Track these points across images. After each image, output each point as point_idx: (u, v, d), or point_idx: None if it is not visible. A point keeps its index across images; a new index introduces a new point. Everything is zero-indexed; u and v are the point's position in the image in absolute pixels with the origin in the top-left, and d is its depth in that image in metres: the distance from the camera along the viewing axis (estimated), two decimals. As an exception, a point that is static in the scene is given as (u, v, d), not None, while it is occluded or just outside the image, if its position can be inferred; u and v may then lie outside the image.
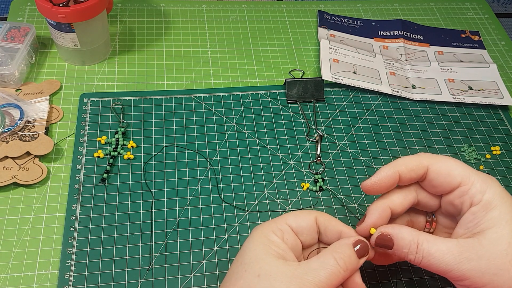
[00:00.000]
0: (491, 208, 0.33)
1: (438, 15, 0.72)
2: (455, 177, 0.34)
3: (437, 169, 0.35)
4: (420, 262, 0.33)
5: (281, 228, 0.35)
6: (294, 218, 0.35)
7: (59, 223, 0.45)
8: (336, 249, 0.33)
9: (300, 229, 0.35)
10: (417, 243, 0.33)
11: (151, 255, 0.43)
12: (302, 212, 0.36)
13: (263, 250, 0.33)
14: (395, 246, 0.34)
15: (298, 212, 0.36)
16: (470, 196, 0.34)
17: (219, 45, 0.63)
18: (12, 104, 0.50)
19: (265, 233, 0.34)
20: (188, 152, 0.51)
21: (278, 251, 0.33)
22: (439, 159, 0.35)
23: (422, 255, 0.33)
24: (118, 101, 0.54)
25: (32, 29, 0.56)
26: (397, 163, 0.36)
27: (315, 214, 0.36)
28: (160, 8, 0.67)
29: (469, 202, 0.34)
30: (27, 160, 0.48)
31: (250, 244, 0.34)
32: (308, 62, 0.63)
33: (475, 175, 0.34)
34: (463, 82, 0.62)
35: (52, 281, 0.41)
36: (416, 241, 0.33)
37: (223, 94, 0.57)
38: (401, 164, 0.36)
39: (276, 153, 0.52)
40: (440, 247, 0.33)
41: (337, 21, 0.68)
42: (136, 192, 0.47)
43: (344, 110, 0.57)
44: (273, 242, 0.33)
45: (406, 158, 0.36)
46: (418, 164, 0.35)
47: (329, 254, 0.33)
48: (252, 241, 0.34)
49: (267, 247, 0.33)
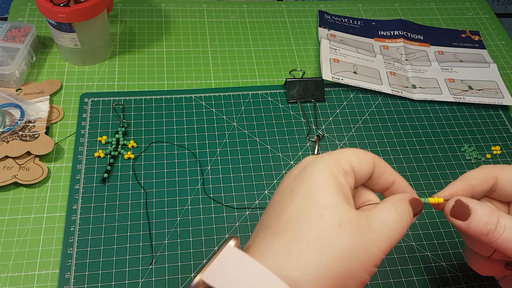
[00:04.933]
0: None
1: (438, 15, 0.72)
2: None
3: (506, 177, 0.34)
4: (500, 236, 0.31)
5: (345, 168, 0.30)
6: (358, 160, 0.31)
7: (59, 222, 0.45)
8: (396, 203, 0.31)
9: (360, 173, 0.31)
10: (497, 217, 0.31)
11: (153, 255, 0.43)
12: (362, 152, 0.32)
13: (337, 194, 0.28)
14: (473, 215, 0.32)
15: (359, 152, 0.32)
16: None
17: (219, 45, 0.63)
18: (13, 104, 0.50)
19: (332, 171, 0.29)
20: (188, 152, 0.51)
21: (347, 197, 0.29)
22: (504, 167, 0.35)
23: (504, 228, 0.31)
24: (119, 101, 0.54)
25: (32, 29, 0.56)
26: (468, 176, 0.35)
27: (374, 157, 0.32)
28: (161, 8, 0.67)
29: None
30: (27, 160, 0.48)
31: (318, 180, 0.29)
32: (308, 62, 0.63)
33: None
34: (463, 82, 0.62)
35: (52, 281, 0.41)
36: (497, 215, 0.31)
37: (224, 94, 0.57)
38: (471, 177, 0.35)
39: (276, 153, 0.52)
40: None
41: (337, 21, 0.68)
42: (137, 192, 0.47)
43: (344, 110, 0.57)
44: (342, 185, 0.29)
45: (473, 172, 0.35)
46: (487, 175, 0.35)
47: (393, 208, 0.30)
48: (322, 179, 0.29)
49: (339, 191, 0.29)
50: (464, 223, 0.32)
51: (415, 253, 0.46)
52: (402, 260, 0.45)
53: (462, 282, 0.44)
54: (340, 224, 0.27)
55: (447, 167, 0.53)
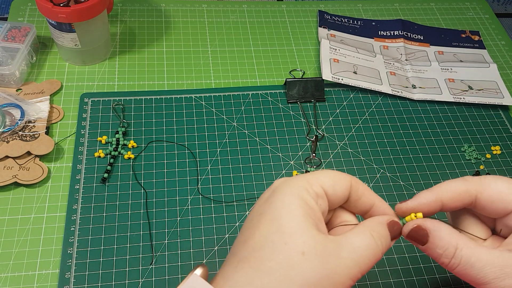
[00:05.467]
0: None
1: (438, 15, 0.72)
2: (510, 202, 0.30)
3: (487, 197, 0.31)
4: (454, 269, 0.29)
5: (316, 191, 0.29)
6: (330, 181, 0.30)
7: (59, 222, 0.45)
8: (373, 227, 0.29)
9: (334, 196, 0.30)
10: (456, 248, 0.29)
11: (153, 255, 0.43)
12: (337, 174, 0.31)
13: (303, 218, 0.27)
14: (429, 244, 0.30)
15: (333, 174, 0.30)
16: None
17: (219, 45, 0.63)
18: (13, 104, 0.50)
19: (301, 195, 0.28)
20: (188, 152, 0.51)
21: (315, 221, 0.28)
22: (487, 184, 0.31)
23: (460, 262, 0.29)
24: (119, 101, 0.54)
25: (32, 29, 0.56)
26: (440, 188, 0.31)
27: (351, 179, 0.31)
28: (161, 8, 0.67)
29: None
30: (27, 160, 0.48)
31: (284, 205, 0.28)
32: (309, 62, 0.63)
33: None
34: (463, 82, 0.62)
35: (52, 281, 0.41)
36: (455, 245, 0.29)
37: (224, 94, 0.57)
38: (444, 191, 0.31)
39: (276, 153, 0.52)
40: (481, 256, 0.29)
41: (337, 21, 0.68)
42: (137, 191, 0.47)
43: (344, 110, 0.57)
44: (311, 209, 0.28)
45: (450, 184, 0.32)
46: (464, 193, 0.31)
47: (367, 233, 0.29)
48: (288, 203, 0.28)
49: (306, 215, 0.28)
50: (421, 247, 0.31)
51: (415, 253, 0.46)
52: (402, 260, 0.45)
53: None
54: (303, 252, 0.26)
55: (447, 167, 0.53)
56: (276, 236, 0.27)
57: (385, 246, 0.29)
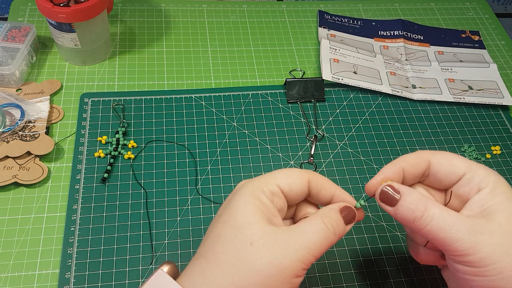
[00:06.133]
0: (498, 193, 0.32)
1: (438, 15, 0.72)
2: (458, 167, 0.34)
3: (438, 161, 0.34)
4: (427, 225, 0.31)
5: (271, 189, 0.32)
6: (286, 180, 0.33)
7: (59, 222, 0.45)
8: (324, 213, 0.32)
9: (291, 193, 0.33)
10: (425, 205, 0.31)
11: (153, 255, 0.43)
12: (294, 172, 0.34)
13: (253, 213, 0.30)
14: (401, 202, 0.32)
15: (290, 173, 0.33)
16: (476, 183, 0.33)
17: (219, 45, 0.63)
18: (13, 104, 0.50)
19: (255, 194, 0.32)
20: (188, 152, 0.51)
21: (268, 215, 0.31)
22: (438, 152, 0.35)
23: (432, 217, 0.31)
24: (119, 101, 0.54)
25: (32, 29, 0.56)
26: (399, 160, 0.35)
27: (308, 175, 0.34)
28: (161, 8, 0.67)
29: (476, 188, 0.33)
30: (27, 160, 0.48)
31: (239, 204, 0.31)
32: (308, 62, 0.63)
33: (475, 164, 0.34)
34: (463, 82, 0.62)
35: (52, 281, 0.41)
36: (425, 203, 0.32)
37: (224, 94, 0.57)
38: (403, 160, 0.35)
39: (276, 153, 0.52)
40: (451, 213, 0.31)
41: (337, 21, 0.68)
42: (137, 191, 0.47)
43: (344, 110, 0.57)
44: (264, 205, 0.31)
45: (406, 156, 0.35)
46: (419, 159, 0.35)
47: (318, 218, 0.32)
48: (242, 202, 0.31)
49: (258, 210, 0.31)
50: (392, 208, 0.33)
51: (415, 253, 0.46)
52: (402, 260, 0.45)
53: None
54: (251, 243, 0.29)
55: (447, 167, 0.53)
56: (228, 231, 0.30)
57: (337, 229, 0.32)
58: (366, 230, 0.47)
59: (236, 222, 0.31)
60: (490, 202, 0.32)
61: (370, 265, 0.45)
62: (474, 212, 0.32)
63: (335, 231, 0.32)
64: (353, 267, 0.44)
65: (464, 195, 0.34)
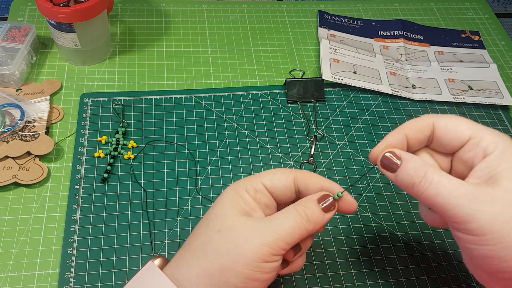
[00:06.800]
0: (506, 158, 0.30)
1: (438, 15, 0.72)
2: (463, 131, 0.33)
3: (443, 125, 0.33)
4: (424, 191, 0.31)
5: (255, 187, 0.34)
6: (270, 177, 0.34)
7: (59, 222, 0.45)
8: (299, 202, 0.33)
9: (275, 189, 0.34)
10: (425, 171, 0.31)
11: (153, 255, 0.43)
12: (279, 171, 0.35)
13: (230, 206, 0.33)
14: (401, 168, 0.32)
15: (276, 171, 0.35)
16: (482, 148, 0.32)
17: (219, 45, 0.63)
18: (13, 104, 0.50)
19: (237, 190, 0.34)
20: (188, 152, 0.51)
21: (245, 209, 0.33)
22: (444, 116, 0.34)
23: (430, 183, 0.30)
24: (119, 101, 0.54)
25: (32, 29, 0.56)
26: (403, 126, 0.34)
27: (294, 173, 0.35)
28: (161, 8, 0.67)
29: (482, 154, 0.32)
30: (27, 160, 0.48)
31: (219, 200, 0.34)
32: (308, 62, 0.63)
33: (483, 128, 0.33)
34: (463, 82, 0.62)
35: (52, 281, 0.41)
36: (425, 170, 0.31)
37: (223, 94, 0.57)
38: (407, 126, 0.34)
39: (276, 153, 0.52)
40: (452, 180, 0.30)
41: (337, 21, 0.68)
42: (137, 192, 0.47)
43: (344, 110, 0.57)
44: (243, 199, 0.33)
45: (411, 121, 0.35)
46: (423, 123, 0.34)
47: (292, 207, 0.33)
48: (222, 198, 0.34)
49: (235, 204, 0.33)
50: (392, 175, 0.33)
51: (415, 253, 0.46)
52: (402, 260, 0.45)
53: (462, 282, 0.44)
54: (219, 230, 0.32)
55: (447, 167, 0.53)
56: (203, 222, 0.33)
57: (311, 216, 0.32)
58: (366, 230, 0.47)
59: (211, 214, 0.33)
60: (497, 168, 0.30)
61: (370, 265, 0.45)
62: (480, 179, 0.31)
63: (308, 218, 0.32)
64: (353, 267, 0.44)
65: (469, 161, 0.33)
